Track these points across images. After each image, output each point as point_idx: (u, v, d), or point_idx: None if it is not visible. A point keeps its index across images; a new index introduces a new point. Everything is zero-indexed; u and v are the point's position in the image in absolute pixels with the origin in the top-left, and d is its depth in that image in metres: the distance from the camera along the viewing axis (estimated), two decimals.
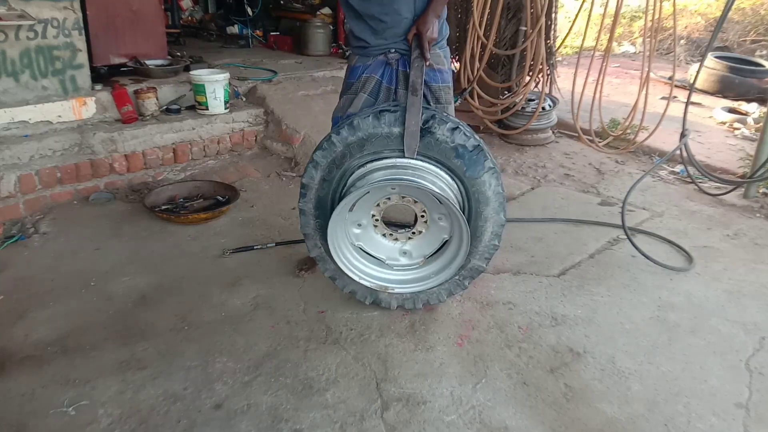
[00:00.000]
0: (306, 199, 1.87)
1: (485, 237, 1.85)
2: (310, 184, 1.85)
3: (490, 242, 1.86)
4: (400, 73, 1.90)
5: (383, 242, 1.93)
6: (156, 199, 2.72)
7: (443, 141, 1.74)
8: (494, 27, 3.46)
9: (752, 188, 3.10)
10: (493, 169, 1.78)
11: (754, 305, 2.11)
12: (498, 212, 1.82)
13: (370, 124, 1.75)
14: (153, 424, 1.50)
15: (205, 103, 3.12)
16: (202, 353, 1.77)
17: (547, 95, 3.74)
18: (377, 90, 1.92)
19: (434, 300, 1.95)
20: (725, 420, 1.58)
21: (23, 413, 1.53)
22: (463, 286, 1.94)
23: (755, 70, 5.30)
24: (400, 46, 1.87)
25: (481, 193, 1.79)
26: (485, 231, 1.84)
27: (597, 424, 1.55)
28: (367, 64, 1.92)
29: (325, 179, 1.83)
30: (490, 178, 1.78)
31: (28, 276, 2.16)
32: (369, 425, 1.52)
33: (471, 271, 1.91)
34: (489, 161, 1.77)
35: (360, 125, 1.76)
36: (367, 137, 1.76)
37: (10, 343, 1.79)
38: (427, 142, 1.75)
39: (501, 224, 1.84)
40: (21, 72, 2.66)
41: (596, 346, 1.86)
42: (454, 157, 1.75)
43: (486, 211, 1.81)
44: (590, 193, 3.16)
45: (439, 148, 1.75)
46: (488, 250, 1.88)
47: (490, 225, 1.83)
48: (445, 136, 1.74)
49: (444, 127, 1.74)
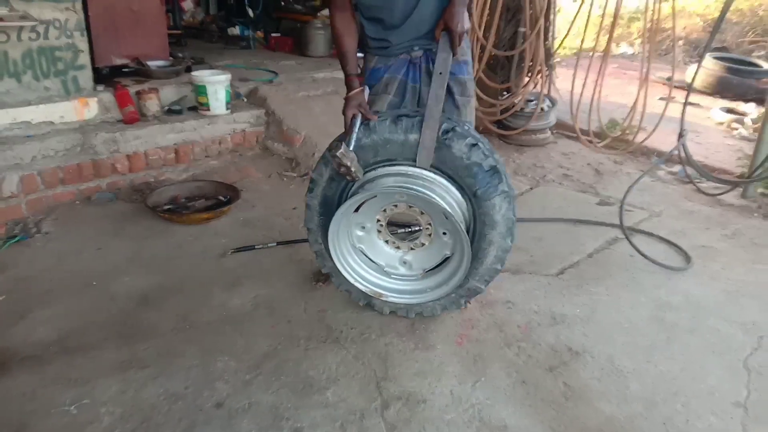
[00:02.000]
0: (313, 194, 1.86)
1: (488, 260, 1.80)
2: (318, 180, 1.84)
3: (492, 266, 1.81)
4: (423, 71, 1.83)
5: (385, 249, 1.91)
6: (158, 199, 2.73)
7: (459, 157, 1.68)
8: (493, 28, 3.47)
9: (750, 188, 3.11)
10: (506, 193, 1.72)
11: (753, 305, 2.12)
12: (505, 237, 1.77)
13: (386, 129, 1.71)
14: (154, 423, 1.51)
15: (206, 103, 3.13)
16: (203, 352, 1.78)
17: (546, 96, 3.75)
18: (402, 90, 1.86)
19: (428, 312, 1.93)
20: (723, 419, 1.58)
21: (24, 412, 1.53)
22: (459, 305, 1.92)
23: (753, 71, 5.32)
24: (423, 43, 1.79)
25: (489, 216, 1.73)
26: (488, 254, 1.79)
27: (596, 423, 1.56)
28: (389, 65, 1.84)
29: (333, 178, 1.81)
30: (501, 201, 1.72)
31: (30, 276, 2.17)
32: (369, 424, 1.53)
33: (469, 291, 1.88)
34: (503, 184, 1.72)
35: (376, 128, 1.72)
36: (382, 141, 1.71)
37: (12, 343, 1.80)
38: (442, 155, 1.69)
39: (506, 249, 1.79)
40: (23, 73, 2.67)
41: (595, 346, 1.86)
42: (467, 176, 1.70)
43: (491, 235, 1.76)
44: (589, 193, 3.17)
45: (454, 163, 1.69)
46: (489, 273, 1.83)
47: (494, 249, 1.78)
48: (461, 152, 1.68)
49: (462, 143, 1.68)
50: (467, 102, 1.88)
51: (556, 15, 3.97)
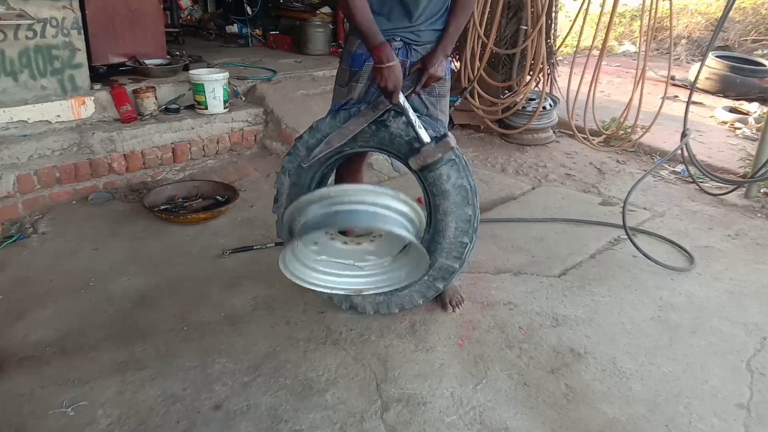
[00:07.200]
0: (279, 204, 1.86)
1: (448, 232, 1.75)
2: (281, 190, 1.84)
3: (457, 239, 1.75)
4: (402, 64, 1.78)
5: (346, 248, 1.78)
6: (155, 199, 2.71)
7: (398, 135, 1.69)
8: (495, 26, 3.45)
9: (753, 188, 3.10)
10: (452, 161, 1.69)
11: (756, 305, 2.11)
12: (462, 207, 1.72)
13: (327, 125, 1.72)
14: (152, 425, 1.50)
15: (204, 102, 3.11)
16: (201, 354, 1.76)
17: (548, 94, 3.73)
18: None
19: (408, 304, 1.89)
20: (726, 421, 1.57)
21: (22, 414, 1.52)
22: (435, 288, 1.87)
23: (756, 70, 5.29)
24: (406, 36, 1.75)
25: (437, 187, 1.71)
26: (447, 226, 1.74)
27: (598, 424, 1.54)
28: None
29: (296, 184, 1.81)
30: (449, 170, 1.69)
31: (27, 276, 2.15)
32: (369, 426, 1.51)
33: (441, 272, 1.81)
34: (448, 153, 1.68)
35: (318, 126, 1.73)
36: (325, 138, 1.72)
37: (9, 344, 1.78)
38: (381, 135, 1.70)
39: (466, 219, 1.73)
40: (20, 71, 2.65)
41: (597, 347, 1.85)
42: (409, 152, 1.69)
43: (444, 205, 1.72)
44: (591, 192, 3.15)
45: (394, 142, 1.70)
46: (456, 248, 1.77)
47: (452, 220, 1.73)
48: (400, 130, 1.69)
49: (400, 120, 1.68)
50: (437, 102, 1.85)
51: (558, 13, 3.94)
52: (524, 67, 3.62)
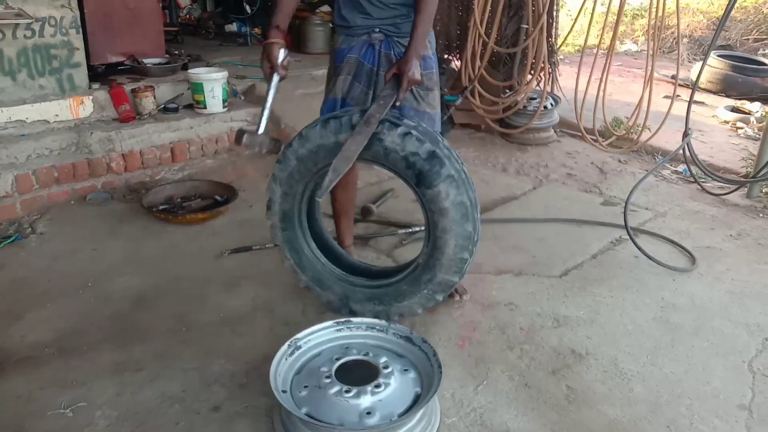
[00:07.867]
0: (272, 212, 1.86)
1: (448, 249, 1.69)
2: (273, 198, 1.84)
3: (456, 255, 1.71)
4: (382, 55, 1.82)
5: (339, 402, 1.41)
6: (153, 199, 2.70)
7: (394, 149, 1.61)
8: (495, 25, 3.44)
9: (755, 188, 3.08)
10: (452, 177, 1.62)
11: (758, 306, 2.10)
12: (461, 224, 1.66)
13: (317, 134, 1.68)
14: (151, 426, 1.49)
15: (203, 101, 3.10)
16: (200, 355, 1.75)
17: (549, 94, 3.71)
18: (360, 72, 1.84)
19: (408, 314, 1.86)
20: (728, 422, 1.56)
21: (20, 415, 1.51)
22: (435, 300, 1.84)
23: (758, 69, 5.27)
24: (386, 27, 1.79)
25: (436, 204, 1.64)
26: (447, 243, 1.69)
27: (599, 426, 1.54)
28: (351, 45, 1.84)
29: (287, 193, 1.80)
30: (447, 187, 1.62)
31: (25, 277, 2.14)
32: None
33: (441, 286, 1.77)
34: (447, 169, 1.62)
35: (308, 135, 1.69)
36: (316, 148, 1.69)
37: (7, 345, 1.77)
38: (376, 150, 1.63)
39: (466, 236, 1.68)
40: (18, 71, 2.64)
41: (598, 348, 1.84)
42: (406, 168, 1.62)
43: (443, 223, 1.66)
44: (592, 192, 3.14)
45: (390, 156, 1.63)
46: (456, 264, 1.72)
47: (451, 237, 1.68)
48: (395, 144, 1.61)
49: (394, 134, 1.61)
50: (425, 95, 1.85)
51: (559, 11, 3.93)
52: (525, 66, 3.60)
